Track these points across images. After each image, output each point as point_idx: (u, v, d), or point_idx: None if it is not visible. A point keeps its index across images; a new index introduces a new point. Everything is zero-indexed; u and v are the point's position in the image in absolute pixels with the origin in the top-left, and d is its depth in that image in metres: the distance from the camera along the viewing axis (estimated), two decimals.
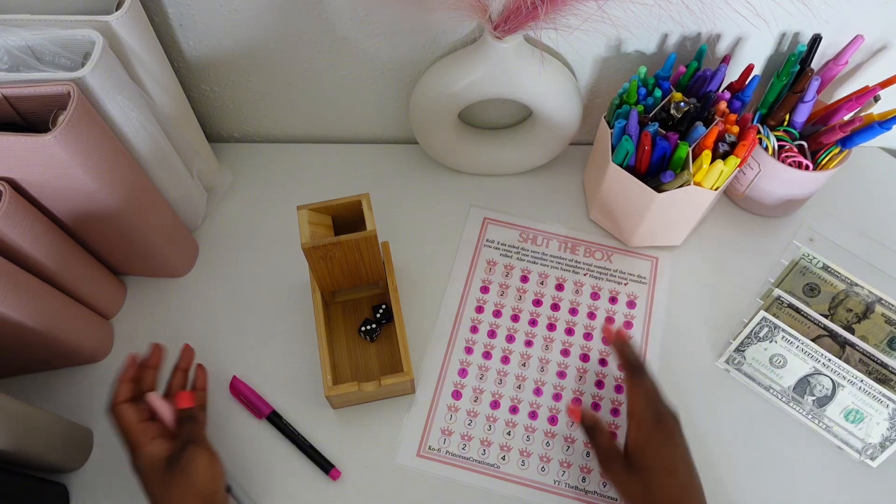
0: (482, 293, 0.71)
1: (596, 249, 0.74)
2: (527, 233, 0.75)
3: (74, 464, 0.60)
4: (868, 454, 0.62)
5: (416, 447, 0.63)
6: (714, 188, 0.63)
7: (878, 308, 0.65)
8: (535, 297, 0.71)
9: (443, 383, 0.66)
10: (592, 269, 0.73)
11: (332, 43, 0.68)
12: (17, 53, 0.53)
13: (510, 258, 0.73)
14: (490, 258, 0.73)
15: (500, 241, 0.74)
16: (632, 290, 0.71)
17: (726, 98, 0.65)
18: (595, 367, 0.67)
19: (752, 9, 0.61)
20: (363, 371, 0.65)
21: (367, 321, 0.66)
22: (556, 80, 0.67)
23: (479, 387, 0.66)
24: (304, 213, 0.58)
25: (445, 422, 0.64)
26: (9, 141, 0.48)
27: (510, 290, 0.71)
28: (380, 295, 0.69)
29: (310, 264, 0.60)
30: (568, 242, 0.74)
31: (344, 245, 0.58)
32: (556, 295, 0.71)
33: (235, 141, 0.83)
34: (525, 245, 0.74)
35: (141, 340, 0.68)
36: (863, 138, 0.64)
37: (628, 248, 0.74)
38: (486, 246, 0.74)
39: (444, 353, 0.68)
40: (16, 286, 0.53)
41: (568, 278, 0.72)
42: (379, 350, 0.66)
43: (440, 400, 0.65)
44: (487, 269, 0.72)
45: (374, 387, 0.59)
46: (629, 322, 0.69)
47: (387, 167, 0.80)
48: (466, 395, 0.66)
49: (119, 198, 0.56)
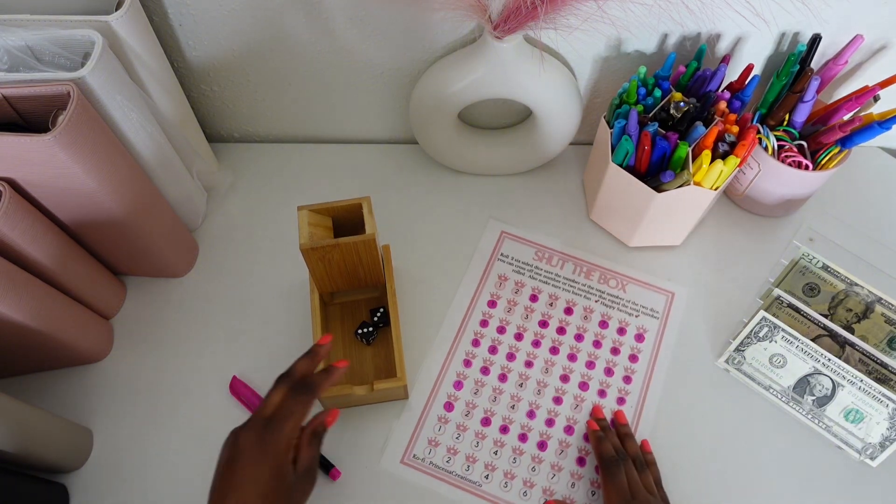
0: (489, 307, 0.70)
1: (611, 277, 0.72)
2: (543, 251, 0.73)
3: (74, 464, 0.60)
4: (868, 454, 0.62)
5: (400, 454, 0.62)
6: (714, 188, 0.63)
7: (878, 308, 0.65)
8: (543, 317, 0.70)
9: (436, 393, 0.65)
10: (605, 297, 0.71)
11: (332, 43, 0.68)
12: (16, 53, 0.53)
13: (522, 275, 0.72)
14: (502, 273, 0.72)
15: (515, 256, 0.73)
16: (642, 323, 0.69)
17: (726, 98, 0.65)
18: (593, 398, 0.65)
19: (751, 9, 0.61)
20: (358, 373, 0.65)
21: (364, 324, 0.66)
22: (556, 80, 0.67)
23: (472, 401, 0.65)
24: (305, 213, 0.58)
25: (434, 432, 0.63)
26: (9, 141, 0.48)
27: (518, 307, 0.70)
28: (378, 298, 0.69)
29: (308, 265, 0.60)
30: (583, 266, 0.73)
31: (342, 247, 0.58)
32: (563, 318, 0.70)
33: (235, 141, 0.83)
34: (539, 264, 0.73)
35: (141, 340, 0.68)
36: (862, 138, 0.64)
37: (643, 280, 0.72)
38: (499, 260, 0.73)
39: (443, 362, 0.67)
40: (16, 286, 0.53)
41: (578, 303, 0.70)
42: (375, 353, 0.66)
43: (431, 409, 0.64)
44: (498, 283, 0.71)
45: (366, 391, 0.59)
46: (634, 356, 0.68)
47: (387, 167, 0.80)
48: (459, 408, 0.65)
49: (119, 198, 0.56)
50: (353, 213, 0.60)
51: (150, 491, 0.60)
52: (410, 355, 0.67)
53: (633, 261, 0.73)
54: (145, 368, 0.66)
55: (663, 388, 0.66)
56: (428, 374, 0.66)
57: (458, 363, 0.67)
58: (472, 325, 0.69)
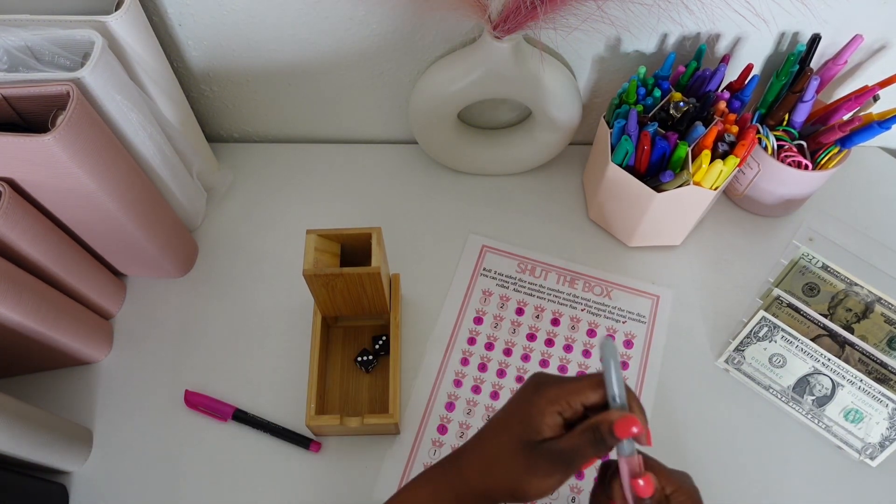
0: (475, 324, 0.69)
1: (595, 284, 0.71)
2: (525, 263, 0.73)
3: (74, 464, 0.60)
4: (868, 454, 0.62)
5: (396, 482, 0.60)
6: (713, 188, 0.63)
7: (878, 308, 0.65)
8: (530, 330, 0.69)
9: (429, 416, 0.64)
10: (591, 305, 0.70)
11: (332, 43, 0.68)
12: (16, 53, 0.53)
13: (506, 289, 0.71)
14: (486, 288, 0.71)
15: (498, 270, 0.72)
16: (630, 329, 0.69)
17: (725, 98, 0.65)
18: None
19: (751, 8, 0.61)
20: (352, 401, 0.64)
21: (365, 351, 0.65)
22: (556, 80, 0.67)
23: (465, 422, 0.64)
24: (313, 238, 0.57)
25: (429, 457, 0.62)
26: (8, 141, 0.48)
27: (504, 322, 0.69)
28: (384, 325, 0.68)
29: (311, 290, 0.59)
30: (567, 276, 0.72)
31: (346, 277, 0.57)
32: (551, 330, 0.69)
33: (235, 141, 0.83)
34: (523, 276, 0.72)
35: (141, 340, 0.68)
36: (862, 138, 0.64)
37: (627, 285, 0.71)
38: (482, 275, 0.72)
39: (433, 383, 0.66)
40: (16, 286, 0.53)
41: (565, 313, 0.70)
42: (371, 383, 0.65)
43: (425, 434, 0.63)
44: (483, 299, 0.70)
45: (357, 423, 0.58)
46: (625, 362, 0.67)
47: (386, 167, 0.80)
48: (452, 430, 0.63)
49: (118, 198, 0.57)
50: (363, 241, 0.59)
51: (150, 491, 0.60)
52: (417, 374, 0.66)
53: (632, 260, 0.73)
54: (145, 368, 0.66)
55: (656, 392, 0.66)
56: (419, 397, 0.65)
57: (449, 383, 0.66)
58: (459, 344, 0.68)
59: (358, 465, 0.62)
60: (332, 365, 0.66)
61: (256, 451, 0.62)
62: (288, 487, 0.61)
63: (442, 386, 0.66)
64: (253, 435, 0.63)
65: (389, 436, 0.63)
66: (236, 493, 0.60)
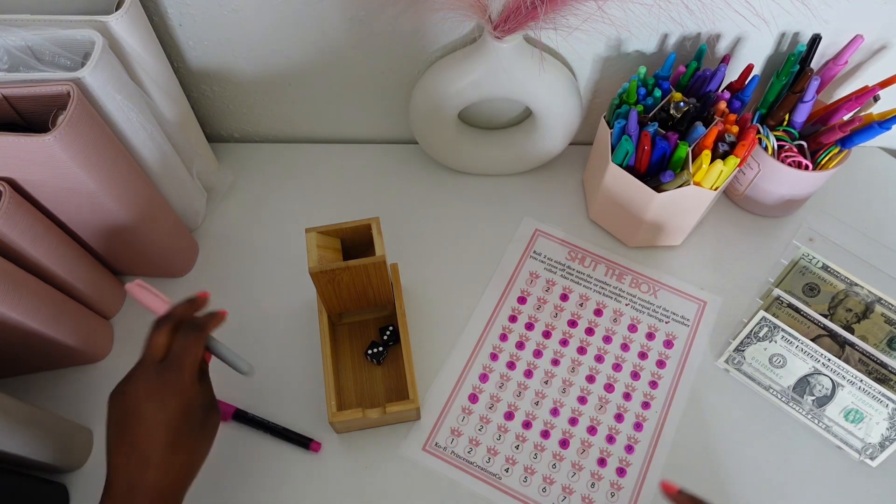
0: (519, 303, 0.70)
1: (643, 282, 0.72)
2: (576, 252, 0.74)
3: (74, 464, 0.60)
4: (868, 454, 0.62)
5: (423, 441, 0.63)
6: (714, 188, 0.63)
7: (878, 308, 0.65)
8: (572, 317, 0.70)
9: (462, 383, 0.66)
10: (635, 301, 0.71)
11: (332, 43, 0.68)
12: (16, 53, 0.53)
13: (554, 274, 0.72)
14: (533, 270, 0.72)
15: (548, 255, 0.73)
16: (672, 330, 0.69)
17: (726, 98, 0.65)
18: (618, 400, 0.65)
19: (751, 9, 0.61)
20: (368, 394, 0.64)
21: (374, 343, 0.65)
22: (556, 80, 0.67)
23: (496, 395, 0.65)
24: (313, 236, 0.57)
25: (457, 422, 0.64)
26: (9, 141, 0.48)
27: (547, 305, 0.70)
28: (388, 317, 0.68)
29: (317, 288, 0.59)
30: (615, 269, 0.73)
31: (352, 270, 0.57)
32: (592, 319, 0.70)
33: (235, 141, 0.83)
34: (572, 264, 0.73)
35: (141, 340, 0.68)
36: (862, 138, 0.64)
37: (676, 287, 0.71)
38: (531, 257, 0.73)
39: (470, 353, 0.67)
40: (16, 286, 0.53)
41: (609, 305, 0.71)
42: (385, 374, 0.65)
43: (456, 399, 0.65)
44: (529, 280, 0.72)
45: (379, 413, 0.59)
46: (662, 361, 0.67)
47: (387, 167, 0.80)
48: (483, 400, 0.65)
49: (118, 197, 0.57)
50: (362, 234, 0.59)
51: None
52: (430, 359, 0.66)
53: (633, 261, 0.73)
54: None
55: (689, 394, 0.66)
56: (453, 367, 0.66)
57: (485, 356, 0.67)
58: (500, 320, 0.69)
59: (358, 465, 0.62)
60: (343, 362, 0.66)
61: (257, 451, 0.62)
62: (288, 487, 0.61)
63: (478, 357, 0.67)
64: (253, 435, 0.63)
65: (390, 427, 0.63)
66: (236, 492, 0.60)
